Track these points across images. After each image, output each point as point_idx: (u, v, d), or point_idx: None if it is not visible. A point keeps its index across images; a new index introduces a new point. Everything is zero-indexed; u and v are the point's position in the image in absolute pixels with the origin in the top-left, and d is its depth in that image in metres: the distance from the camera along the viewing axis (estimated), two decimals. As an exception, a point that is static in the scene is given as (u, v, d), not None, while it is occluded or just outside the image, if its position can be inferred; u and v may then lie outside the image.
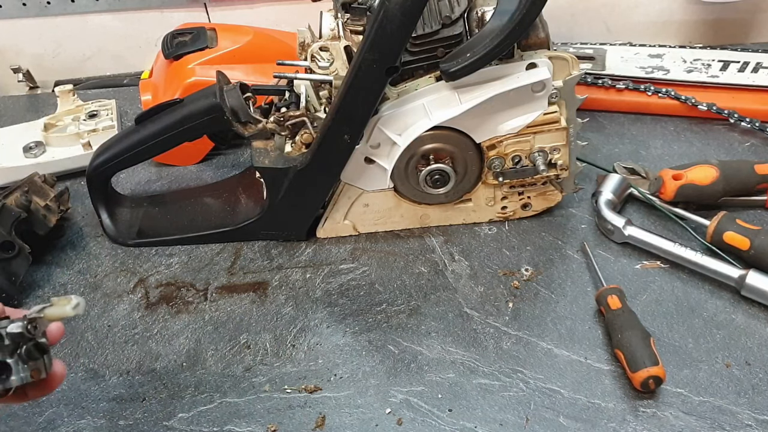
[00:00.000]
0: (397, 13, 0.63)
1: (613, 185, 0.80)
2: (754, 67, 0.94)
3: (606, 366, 0.67)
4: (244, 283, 0.78)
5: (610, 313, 0.69)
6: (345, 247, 0.81)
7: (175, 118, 0.76)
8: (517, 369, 0.68)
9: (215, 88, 0.75)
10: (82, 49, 1.14)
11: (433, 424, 0.64)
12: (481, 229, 0.82)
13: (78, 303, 0.47)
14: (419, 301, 0.75)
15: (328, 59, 0.73)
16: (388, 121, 0.73)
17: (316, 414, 0.66)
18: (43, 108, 1.05)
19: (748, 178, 0.79)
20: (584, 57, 0.99)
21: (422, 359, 0.69)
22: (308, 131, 0.74)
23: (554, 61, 0.71)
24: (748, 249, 0.72)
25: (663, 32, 1.11)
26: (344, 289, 0.77)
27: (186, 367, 0.70)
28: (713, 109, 0.91)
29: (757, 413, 0.63)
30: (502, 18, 0.66)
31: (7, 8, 1.08)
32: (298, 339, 0.72)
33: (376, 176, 0.77)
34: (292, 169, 0.75)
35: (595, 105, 0.95)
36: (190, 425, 0.65)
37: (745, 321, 0.70)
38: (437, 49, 0.71)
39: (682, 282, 0.74)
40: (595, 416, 0.64)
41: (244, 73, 0.89)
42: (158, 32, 0.97)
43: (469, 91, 0.71)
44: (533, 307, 0.73)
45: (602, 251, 0.77)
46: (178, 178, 0.93)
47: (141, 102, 0.91)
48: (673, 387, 0.65)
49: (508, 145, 0.74)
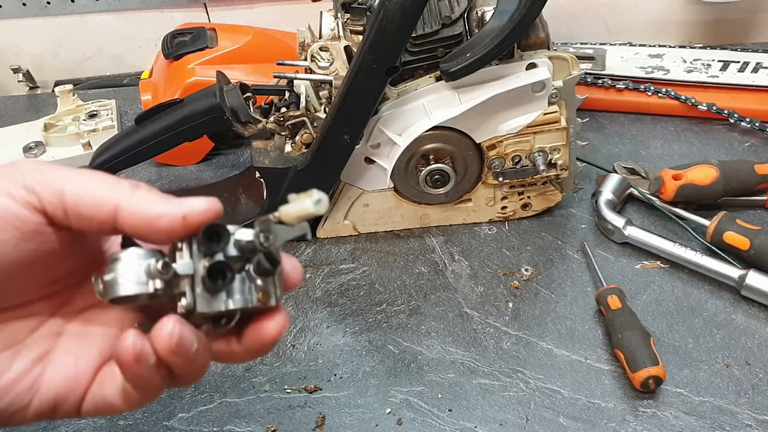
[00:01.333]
0: (397, 13, 0.63)
1: (613, 185, 0.80)
2: (754, 67, 0.94)
3: (606, 366, 0.67)
4: (244, 283, 0.78)
5: (610, 313, 0.69)
6: (345, 247, 0.81)
7: (175, 118, 0.76)
8: (517, 369, 0.68)
9: (215, 88, 0.75)
10: (82, 49, 1.14)
11: (433, 424, 0.64)
12: (481, 229, 0.82)
13: (320, 198, 0.35)
14: (419, 301, 0.75)
15: (328, 59, 0.73)
16: (388, 121, 0.73)
17: (316, 414, 0.66)
18: (43, 108, 1.05)
19: (748, 178, 0.79)
20: (584, 57, 0.99)
21: (422, 359, 0.69)
22: (308, 131, 0.74)
23: (554, 61, 0.71)
24: (748, 249, 0.72)
25: (663, 32, 1.11)
26: (344, 289, 0.77)
27: (186, 367, 0.70)
28: (713, 109, 0.91)
29: (757, 413, 0.63)
30: (502, 18, 0.66)
31: (7, 8, 1.08)
32: (298, 339, 0.72)
33: (376, 176, 0.77)
34: (292, 169, 0.75)
35: (595, 105, 0.95)
36: (190, 425, 0.65)
37: (745, 321, 0.70)
38: (437, 49, 0.71)
39: (682, 282, 0.74)
40: (595, 416, 0.64)
41: (244, 73, 0.89)
42: (158, 32, 0.97)
43: (469, 91, 0.71)
44: (533, 307, 0.73)
45: (602, 251, 0.77)
46: (178, 178, 0.93)
47: (141, 102, 0.91)
48: (673, 387, 0.65)
49: (508, 145, 0.74)
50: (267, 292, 0.38)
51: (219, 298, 0.36)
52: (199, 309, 0.36)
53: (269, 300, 0.38)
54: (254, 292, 0.37)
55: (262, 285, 0.38)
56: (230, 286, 0.37)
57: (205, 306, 0.36)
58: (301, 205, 0.35)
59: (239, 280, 0.37)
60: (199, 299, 0.36)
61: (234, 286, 0.37)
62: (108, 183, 0.37)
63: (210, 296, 0.36)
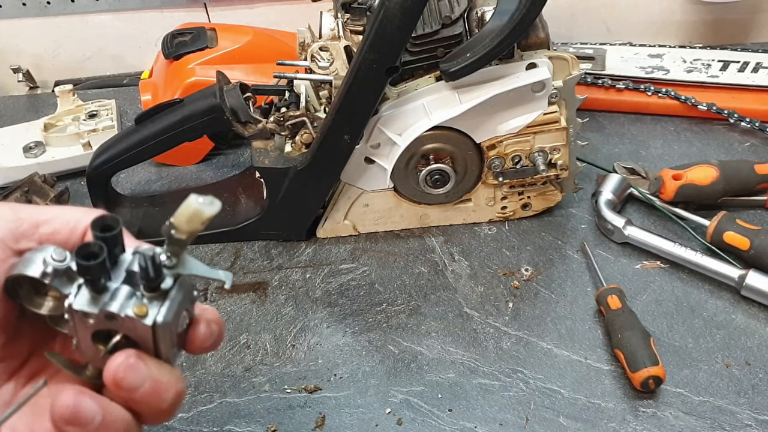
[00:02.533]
0: (397, 13, 0.63)
1: (613, 185, 0.80)
2: (754, 67, 0.94)
3: (606, 366, 0.67)
4: (244, 283, 0.78)
5: (610, 313, 0.69)
6: (345, 247, 0.81)
7: (175, 118, 0.76)
8: (517, 369, 0.68)
9: (215, 88, 0.75)
10: (82, 49, 1.14)
11: (433, 424, 0.64)
12: (481, 229, 0.82)
13: (213, 201, 0.35)
14: (419, 301, 0.75)
15: (328, 59, 0.73)
16: (388, 121, 0.73)
17: (316, 414, 0.66)
18: (43, 108, 1.05)
19: (748, 178, 0.79)
20: (584, 57, 0.98)
21: (422, 359, 0.69)
22: (308, 131, 0.74)
23: (554, 61, 0.71)
24: (748, 249, 0.72)
25: (663, 32, 1.11)
26: (344, 289, 0.77)
27: (186, 367, 0.70)
28: (713, 109, 0.91)
29: (757, 413, 0.63)
30: (502, 18, 0.66)
31: (7, 8, 1.08)
32: (298, 339, 0.72)
33: (376, 176, 0.77)
34: (292, 169, 0.75)
35: (595, 105, 0.95)
36: (190, 425, 0.65)
37: (745, 321, 0.70)
38: (437, 49, 0.71)
39: (682, 282, 0.74)
40: (595, 416, 0.64)
41: (244, 73, 0.89)
42: (158, 32, 0.97)
43: (469, 91, 0.71)
44: (533, 307, 0.73)
45: (602, 251, 0.77)
46: (178, 178, 0.93)
47: (141, 102, 0.91)
48: (673, 387, 0.65)
49: (508, 145, 0.74)
50: (146, 308, 0.37)
51: (98, 301, 0.37)
52: (75, 306, 0.37)
53: (145, 316, 0.37)
54: (134, 305, 0.37)
55: (147, 302, 0.37)
56: (115, 294, 0.37)
57: (83, 305, 0.37)
58: (186, 204, 0.35)
59: (127, 291, 0.37)
60: (79, 296, 0.37)
61: (119, 296, 0.37)
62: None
63: (90, 298, 0.37)
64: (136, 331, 0.37)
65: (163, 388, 0.38)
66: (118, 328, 0.37)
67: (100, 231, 0.37)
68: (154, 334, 0.37)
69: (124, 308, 0.37)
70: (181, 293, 0.38)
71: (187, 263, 0.38)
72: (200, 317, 0.40)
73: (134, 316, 0.37)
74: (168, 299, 0.37)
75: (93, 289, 0.37)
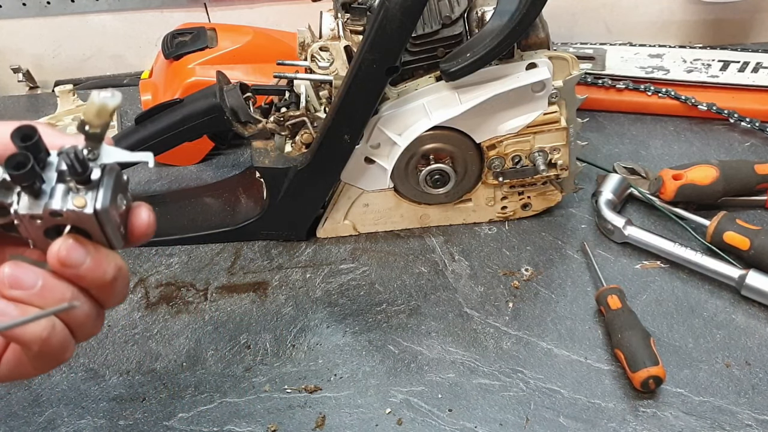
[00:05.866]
0: (397, 13, 0.63)
1: (613, 185, 0.80)
2: (754, 67, 0.94)
3: (606, 366, 0.67)
4: (244, 283, 0.78)
5: (610, 313, 0.69)
6: (345, 247, 0.81)
7: (175, 118, 0.76)
8: (517, 369, 0.68)
9: (215, 88, 0.75)
10: (82, 49, 1.14)
11: (433, 424, 0.64)
12: (481, 229, 0.82)
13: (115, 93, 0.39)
14: (419, 301, 0.75)
15: (328, 59, 0.73)
16: (388, 121, 0.73)
17: (316, 414, 0.66)
18: (43, 108, 1.05)
19: (748, 178, 0.79)
20: (584, 57, 0.98)
21: (422, 359, 0.69)
22: (308, 131, 0.74)
23: (554, 61, 0.71)
24: (748, 249, 0.72)
25: (663, 32, 1.11)
26: (344, 289, 0.77)
27: (186, 367, 0.70)
28: (713, 109, 0.91)
29: (757, 413, 0.63)
30: (502, 18, 0.66)
31: (7, 8, 1.08)
32: (298, 339, 0.72)
33: (376, 176, 0.77)
34: (292, 169, 0.75)
35: (595, 105, 0.95)
36: (190, 425, 0.65)
37: (745, 321, 0.70)
38: (437, 49, 0.71)
39: (682, 282, 0.74)
40: (595, 416, 0.64)
41: (244, 73, 0.89)
42: (158, 32, 0.97)
43: (469, 91, 0.71)
44: (533, 307, 0.73)
45: (602, 251, 0.78)
46: (178, 178, 0.93)
47: (141, 102, 0.91)
48: (673, 387, 0.65)
49: (508, 145, 0.74)
50: (83, 200, 0.40)
51: (39, 203, 0.40)
52: (21, 211, 0.40)
53: (85, 206, 0.40)
54: (72, 199, 0.40)
55: (83, 194, 0.40)
56: (53, 193, 0.40)
57: (27, 208, 0.40)
58: (90, 101, 0.39)
59: (63, 189, 0.40)
60: (21, 202, 0.40)
61: (56, 194, 0.40)
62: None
63: (32, 201, 0.40)
64: (81, 221, 0.41)
65: (104, 261, 0.41)
66: (65, 222, 0.41)
67: (21, 141, 0.39)
68: (98, 220, 0.41)
69: (65, 203, 0.40)
70: (111, 179, 0.41)
71: (108, 153, 0.41)
72: (140, 204, 0.44)
73: (75, 208, 0.40)
74: (101, 187, 0.41)
75: (31, 193, 0.40)
